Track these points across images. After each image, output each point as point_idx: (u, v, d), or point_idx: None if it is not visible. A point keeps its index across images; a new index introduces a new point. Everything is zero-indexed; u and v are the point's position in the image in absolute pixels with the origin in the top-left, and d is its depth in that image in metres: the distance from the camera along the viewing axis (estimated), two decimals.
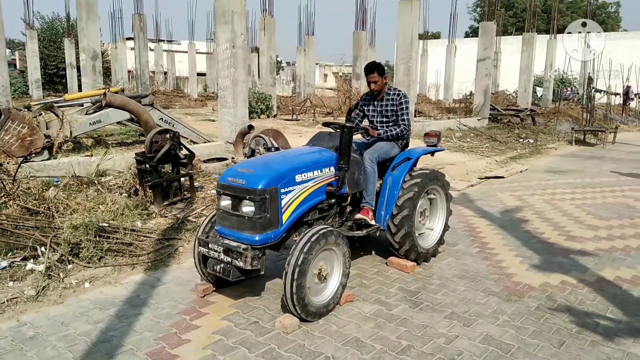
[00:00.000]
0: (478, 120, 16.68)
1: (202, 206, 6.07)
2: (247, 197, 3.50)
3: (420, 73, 30.06)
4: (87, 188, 6.24)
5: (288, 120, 17.34)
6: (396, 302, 3.88)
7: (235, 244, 3.54)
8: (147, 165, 5.93)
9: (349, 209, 4.41)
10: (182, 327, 3.42)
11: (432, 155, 5.05)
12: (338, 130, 4.10)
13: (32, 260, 4.32)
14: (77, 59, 21.71)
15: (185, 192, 6.34)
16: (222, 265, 3.58)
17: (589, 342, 3.32)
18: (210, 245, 3.65)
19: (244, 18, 8.80)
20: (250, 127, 7.33)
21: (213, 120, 14.89)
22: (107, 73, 25.65)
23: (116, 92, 8.44)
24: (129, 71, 30.96)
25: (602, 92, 21.10)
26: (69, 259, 4.33)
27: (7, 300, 3.75)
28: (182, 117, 12.31)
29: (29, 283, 4.01)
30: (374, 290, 4.11)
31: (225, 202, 3.65)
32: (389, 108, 4.71)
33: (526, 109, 19.56)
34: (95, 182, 6.47)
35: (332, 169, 4.02)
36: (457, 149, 11.97)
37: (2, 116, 6.80)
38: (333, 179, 4.02)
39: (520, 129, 16.26)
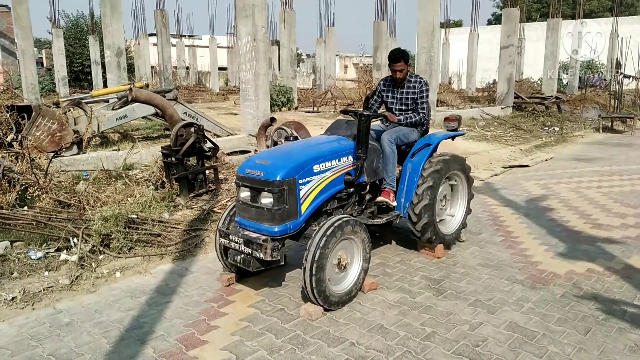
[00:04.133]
0: (502, 108, 16.43)
1: (227, 197, 6.17)
2: (266, 189, 3.51)
3: (442, 62, 29.70)
4: (116, 181, 6.41)
5: (309, 112, 17.38)
6: (420, 290, 3.91)
7: (255, 235, 3.57)
8: (173, 159, 6.06)
9: (368, 197, 4.38)
10: (211, 314, 3.52)
11: (452, 139, 5.01)
12: (356, 118, 4.06)
13: (65, 251, 4.48)
14: (102, 55, 22.09)
15: (210, 184, 6.46)
16: (242, 256, 3.64)
17: (616, 329, 3.30)
18: (230, 237, 3.69)
19: (265, 11, 8.85)
20: (272, 120, 7.39)
21: (235, 114, 15.02)
22: (130, 69, 26.04)
23: (141, 88, 8.61)
24: (152, 67, 31.38)
25: (631, 78, 20.52)
26: (100, 249, 4.48)
27: (44, 289, 3.90)
28: (205, 111, 12.46)
29: (63, 273, 4.17)
30: (398, 278, 4.14)
31: (245, 194, 3.68)
32: (409, 96, 4.65)
33: (551, 96, 19.18)
34: (123, 175, 6.64)
35: (350, 157, 4.00)
36: (480, 138, 11.85)
37: (33, 113, 7.01)
38: (351, 168, 3.99)
39: (545, 117, 15.97)
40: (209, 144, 6.52)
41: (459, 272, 4.28)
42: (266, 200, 3.54)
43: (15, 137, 6.77)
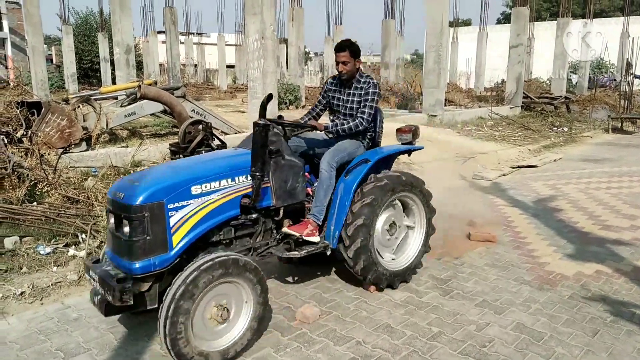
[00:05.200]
0: (510, 108, 16.34)
1: None
2: (123, 215, 2.85)
3: (451, 61, 29.57)
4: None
5: None
6: (426, 290, 3.90)
7: (114, 272, 2.94)
8: (181, 155, 6.06)
9: (287, 224, 3.65)
10: None
11: (409, 155, 4.40)
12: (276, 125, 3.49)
13: (73, 246, 4.52)
14: (111, 53, 22.21)
15: None
16: (99, 297, 2.98)
17: (624, 331, 3.28)
18: (90, 272, 3.04)
19: (273, 9, 8.84)
20: (280, 118, 7.39)
21: (242, 112, 15.04)
22: (139, 66, 26.17)
23: (149, 85, 8.64)
24: (160, 64, 31.50)
25: None
26: None
27: (52, 284, 3.94)
28: (213, 108, 12.48)
29: (72, 268, 4.20)
30: None
31: (111, 221, 3.00)
32: (355, 99, 3.93)
33: (560, 96, 19.04)
34: (131, 172, 6.67)
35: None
36: (488, 138, 11.79)
37: (43, 109, 7.06)
38: (251, 189, 3.27)
39: (554, 117, 15.86)
40: (217, 142, 6.52)
41: (466, 272, 4.27)
42: (125, 229, 2.85)
43: (25, 133, 6.82)
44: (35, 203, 5.27)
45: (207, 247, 3.22)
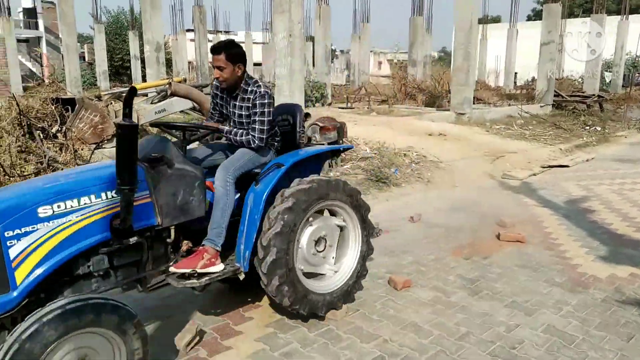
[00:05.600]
0: (541, 107, 16.01)
1: None
2: None
3: (479, 58, 29.13)
4: None
5: (343, 108, 17.34)
6: (454, 290, 3.86)
7: None
8: None
9: (186, 246, 3.06)
10: (245, 306, 3.57)
11: (336, 156, 4.00)
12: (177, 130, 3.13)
13: None
14: (141, 50, 22.64)
15: None
16: None
17: None
18: None
19: (301, 7, 8.87)
20: (307, 115, 7.40)
21: None
22: (168, 64, 26.61)
23: (179, 82, 8.77)
24: (189, 62, 31.95)
25: None
26: None
27: None
28: None
29: None
30: (432, 277, 4.10)
31: None
32: (243, 112, 3.30)
33: (593, 95, 18.55)
34: None
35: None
36: (518, 137, 11.58)
37: (77, 105, 7.25)
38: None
39: (586, 116, 15.46)
40: None
41: (495, 272, 4.20)
42: None
43: (59, 129, 7.02)
44: None
45: (74, 281, 2.62)
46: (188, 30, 32.03)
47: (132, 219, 2.63)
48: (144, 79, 22.29)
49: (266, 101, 3.20)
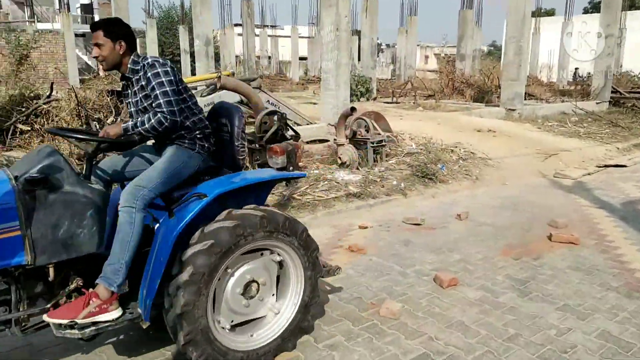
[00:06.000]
0: (597, 103, 15.30)
1: (306, 185, 6.28)
2: None
3: (532, 53, 28.14)
4: None
5: (388, 103, 17.17)
6: (503, 290, 3.76)
7: None
8: (257, 145, 6.24)
9: (74, 284, 2.48)
10: None
11: (286, 184, 3.24)
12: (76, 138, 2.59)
13: None
14: (191, 45, 23.17)
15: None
16: None
17: None
18: None
19: (348, 1, 8.83)
20: (353, 110, 7.39)
21: (314, 103, 15.18)
22: (216, 58, 27.13)
23: (228, 76, 8.92)
24: (236, 56, 32.47)
25: None
26: None
27: None
28: (285, 99, 12.69)
29: None
30: (479, 276, 4.01)
31: None
32: (141, 93, 2.71)
33: None
34: None
35: None
36: (572, 134, 11.12)
37: None
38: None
39: None
40: (291, 132, 6.65)
41: (547, 274, 4.07)
42: None
43: (114, 120, 7.29)
44: None
45: None
46: (236, 25, 32.51)
47: None
48: (192, 73, 22.82)
49: (159, 69, 2.61)
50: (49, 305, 2.41)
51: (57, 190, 2.32)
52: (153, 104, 2.61)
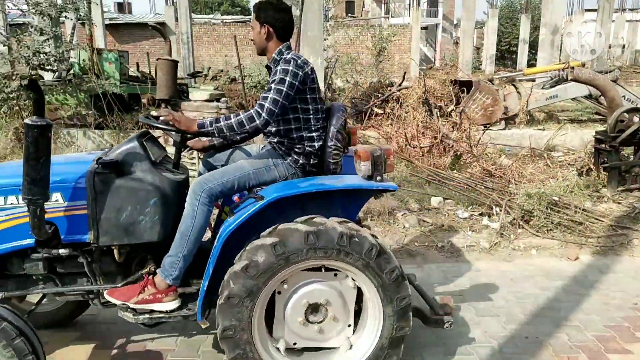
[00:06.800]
0: None
1: None
2: None
3: None
4: (537, 160, 6.42)
5: None
6: None
7: None
8: (607, 146, 5.55)
9: (147, 268, 2.47)
10: (637, 325, 3.14)
11: (375, 197, 2.57)
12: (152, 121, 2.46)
13: (487, 217, 4.84)
14: (531, 34, 22.02)
15: None
16: None
17: None
18: None
19: None
20: None
21: None
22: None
23: (579, 67, 8.16)
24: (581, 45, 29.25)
25: None
26: (520, 223, 4.61)
27: (466, 246, 4.36)
28: None
29: (484, 236, 4.52)
30: None
31: None
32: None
33: None
34: (545, 155, 6.56)
35: (59, 195, 2.34)
36: None
37: (473, 88, 7.71)
38: (57, 214, 2.34)
39: None
40: None
41: None
42: None
43: (454, 109, 7.64)
44: (457, 171, 5.89)
45: (17, 277, 2.48)
46: (588, 10, 29.18)
47: (45, 231, 2.29)
48: (528, 64, 21.77)
49: (291, 68, 2.35)
50: (120, 285, 2.46)
51: (126, 175, 2.35)
52: (260, 96, 2.40)
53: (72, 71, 8.42)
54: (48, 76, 8.28)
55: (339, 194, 2.41)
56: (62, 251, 2.37)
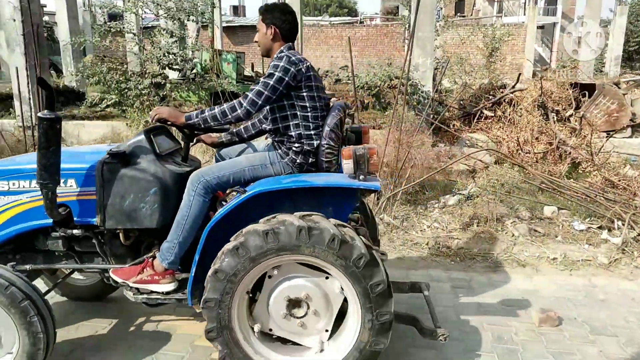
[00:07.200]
0: None
1: None
2: None
3: None
4: None
5: None
6: None
7: None
8: None
9: (155, 252, 2.64)
10: None
11: (363, 196, 2.74)
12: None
13: (607, 231, 4.50)
14: None
15: None
16: None
17: None
18: None
19: None
20: None
21: None
22: None
23: None
24: None
25: None
26: None
27: (582, 260, 4.10)
28: None
29: (603, 251, 4.22)
30: None
31: None
32: None
33: None
34: None
35: (73, 181, 2.60)
36: None
37: (596, 91, 7.16)
38: (70, 198, 2.60)
39: None
40: None
41: None
42: None
43: (573, 113, 7.15)
44: (575, 180, 5.53)
45: (42, 252, 2.79)
46: None
47: (58, 212, 2.55)
48: None
49: (283, 64, 2.44)
50: (127, 265, 2.69)
51: (131, 166, 2.57)
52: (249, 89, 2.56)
53: (194, 70, 9.12)
54: (172, 75, 9.06)
55: (328, 192, 2.48)
56: (75, 231, 2.66)
